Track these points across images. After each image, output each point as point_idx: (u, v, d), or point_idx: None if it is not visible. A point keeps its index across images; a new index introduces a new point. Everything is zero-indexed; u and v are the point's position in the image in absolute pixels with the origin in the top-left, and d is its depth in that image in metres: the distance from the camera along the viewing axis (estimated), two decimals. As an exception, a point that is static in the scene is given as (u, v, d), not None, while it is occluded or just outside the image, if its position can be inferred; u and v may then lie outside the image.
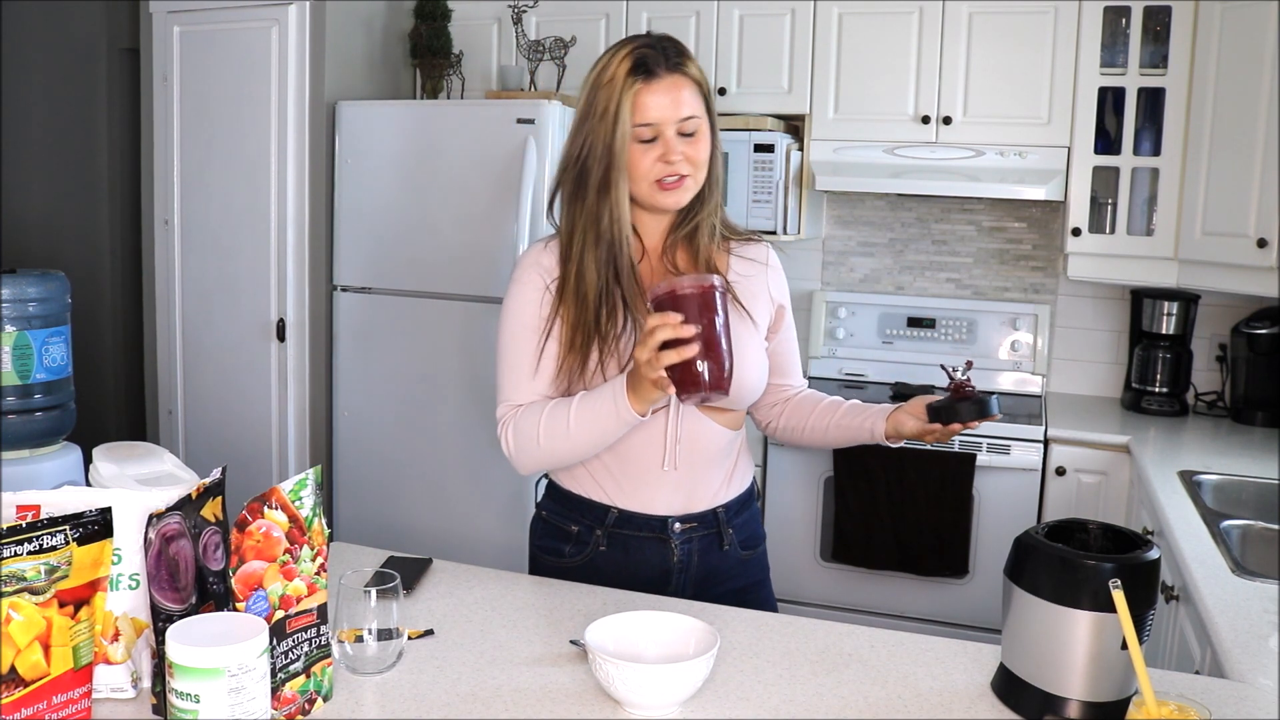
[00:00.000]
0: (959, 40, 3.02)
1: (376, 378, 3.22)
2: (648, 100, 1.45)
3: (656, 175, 1.47)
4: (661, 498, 1.54)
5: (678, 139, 1.47)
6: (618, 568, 1.56)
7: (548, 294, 1.50)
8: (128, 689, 1.14)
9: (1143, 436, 2.76)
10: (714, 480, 1.57)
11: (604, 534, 1.56)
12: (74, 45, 4.06)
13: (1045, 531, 1.17)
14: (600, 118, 1.47)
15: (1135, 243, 2.97)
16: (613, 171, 1.46)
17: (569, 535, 1.59)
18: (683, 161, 1.47)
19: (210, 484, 1.16)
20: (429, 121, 3.09)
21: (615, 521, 1.56)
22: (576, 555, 1.58)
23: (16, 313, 2.58)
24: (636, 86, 1.45)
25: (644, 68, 1.46)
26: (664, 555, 1.56)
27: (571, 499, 1.59)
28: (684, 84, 1.47)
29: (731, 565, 1.61)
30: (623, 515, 1.55)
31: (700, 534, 1.57)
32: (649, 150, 1.47)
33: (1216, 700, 1.20)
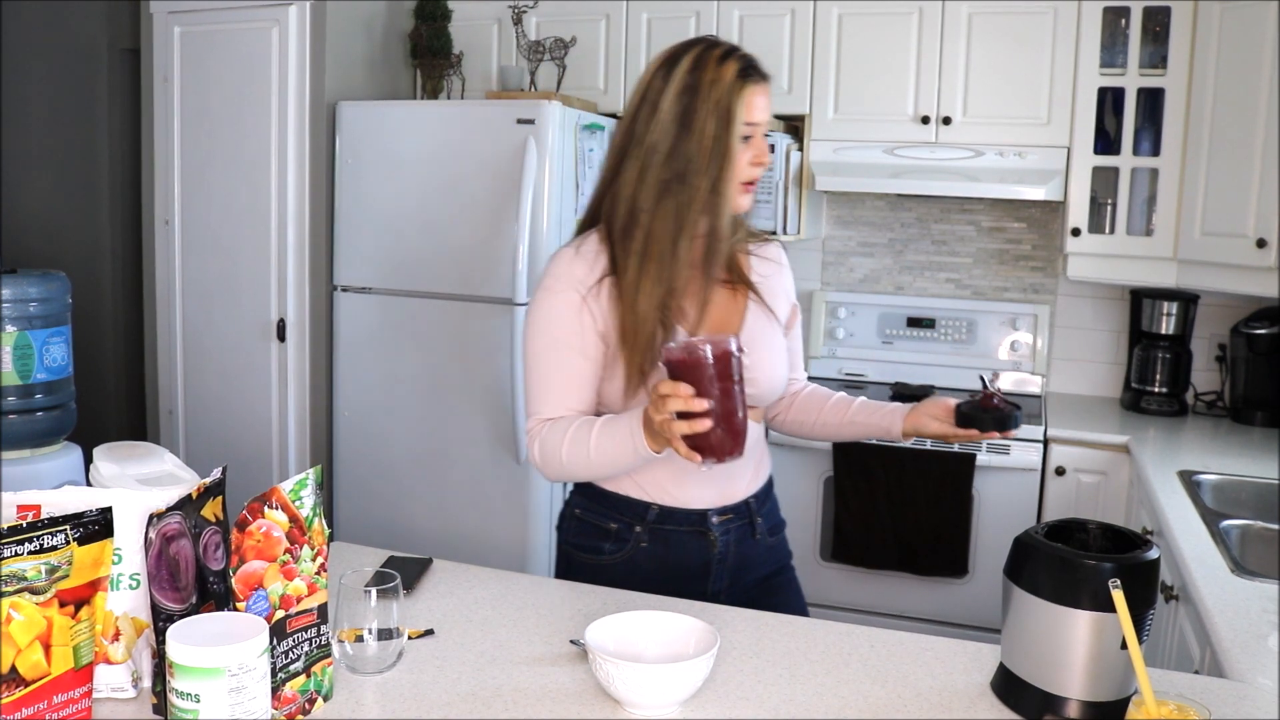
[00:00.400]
0: (959, 40, 3.02)
1: (376, 378, 3.22)
2: (756, 101, 1.48)
3: (747, 176, 1.51)
4: (700, 492, 1.56)
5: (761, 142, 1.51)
6: (659, 563, 1.57)
7: (584, 307, 1.49)
8: (128, 689, 1.14)
9: (1142, 436, 2.76)
10: (745, 472, 1.60)
11: (645, 530, 1.56)
12: (74, 45, 4.06)
13: (1045, 531, 1.17)
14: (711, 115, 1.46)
15: (1135, 243, 2.97)
16: (726, 170, 1.47)
17: (608, 533, 1.59)
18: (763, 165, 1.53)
19: (210, 484, 1.16)
20: (429, 122, 3.09)
21: (656, 518, 1.56)
22: (617, 552, 1.58)
23: (17, 313, 2.58)
24: (747, 87, 1.47)
25: (752, 71, 1.49)
26: (704, 547, 1.57)
27: (609, 497, 1.58)
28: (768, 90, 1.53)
29: (762, 552, 1.64)
30: (663, 511, 1.56)
31: (736, 524, 1.60)
32: (744, 151, 1.49)
33: (1216, 700, 1.20)
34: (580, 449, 1.45)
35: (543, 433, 1.50)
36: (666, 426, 1.29)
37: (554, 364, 1.51)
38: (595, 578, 1.58)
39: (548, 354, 1.51)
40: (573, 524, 1.64)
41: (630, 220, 1.48)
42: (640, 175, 1.47)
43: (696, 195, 1.47)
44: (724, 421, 1.28)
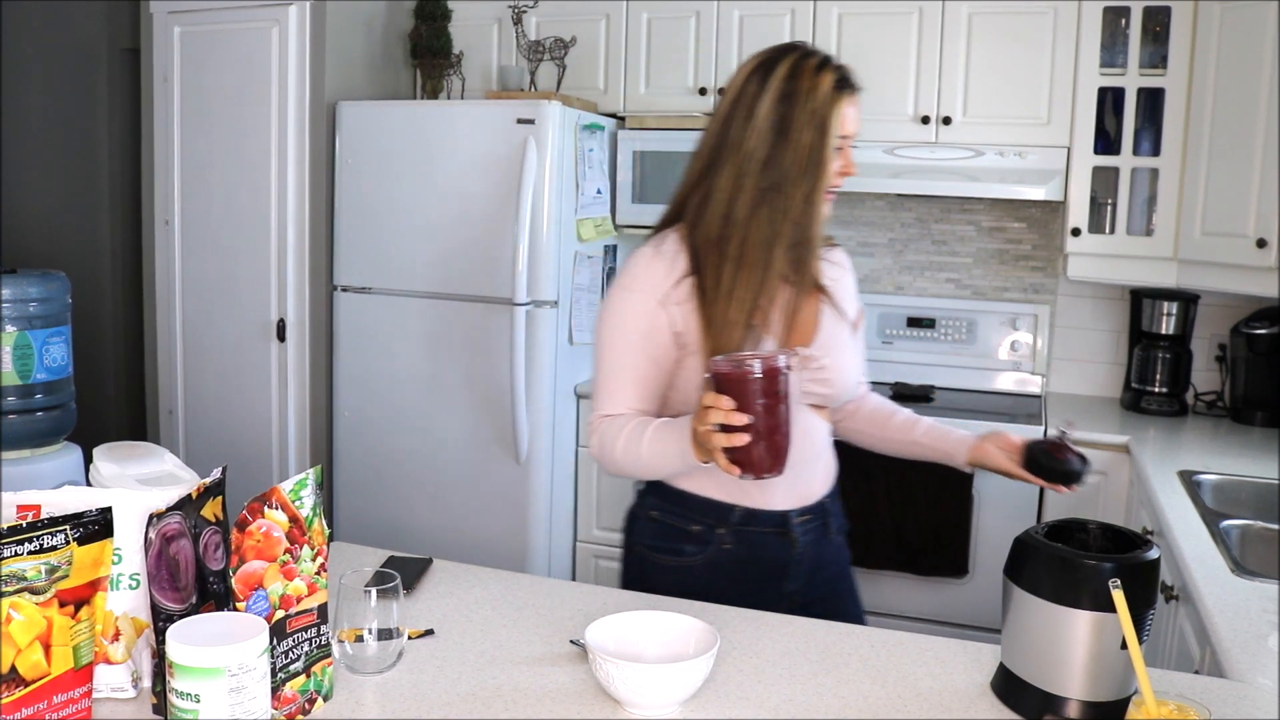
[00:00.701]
0: (959, 40, 3.02)
1: (376, 378, 3.22)
2: (849, 113, 1.51)
3: (833, 185, 1.53)
4: (781, 494, 1.57)
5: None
6: (741, 564, 1.57)
7: (660, 310, 1.50)
8: (128, 689, 1.14)
9: (1142, 436, 2.76)
10: (820, 472, 1.63)
11: (728, 532, 1.57)
12: (74, 45, 4.06)
13: (1045, 531, 1.17)
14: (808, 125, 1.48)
15: (1135, 243, 2.97)
16: (820, 181, 1.50)
17: (689, 535, 1.58)
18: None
19: (210, 484, 1.16)
20: (429, 121, 3.09)
21: (739, 519, 1.57)
22: (699, 554, 1.58)
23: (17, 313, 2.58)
24: (842, 99, 1.50)
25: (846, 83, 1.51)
26: (785, 547, 1.59)
27: (690, 499, 1.58)
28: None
29: (834, 550, 1.67)
30: (747, 513, 1.56)
31: (814, 524, 1.62)
32: (834, 161, 1.52)
33: (1216, 700, 1.20)
34: (634, 449, 1.48)
35: (602, 428, 1.53)
36: (708, 438, 1.31)
37: (622, 363, 1.53)
38: (674, 578, 1.57)
39: (617, 352, 1.53)
40: (649, 526, 1.63)
41: (725, 227, 1.49)
42: (736, 182, 1.49)
43: (792, 205, 1.48)
44: (765, 438, 1.28)
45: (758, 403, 1.27)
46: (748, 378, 1.27)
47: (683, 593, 1.52)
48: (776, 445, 1.29)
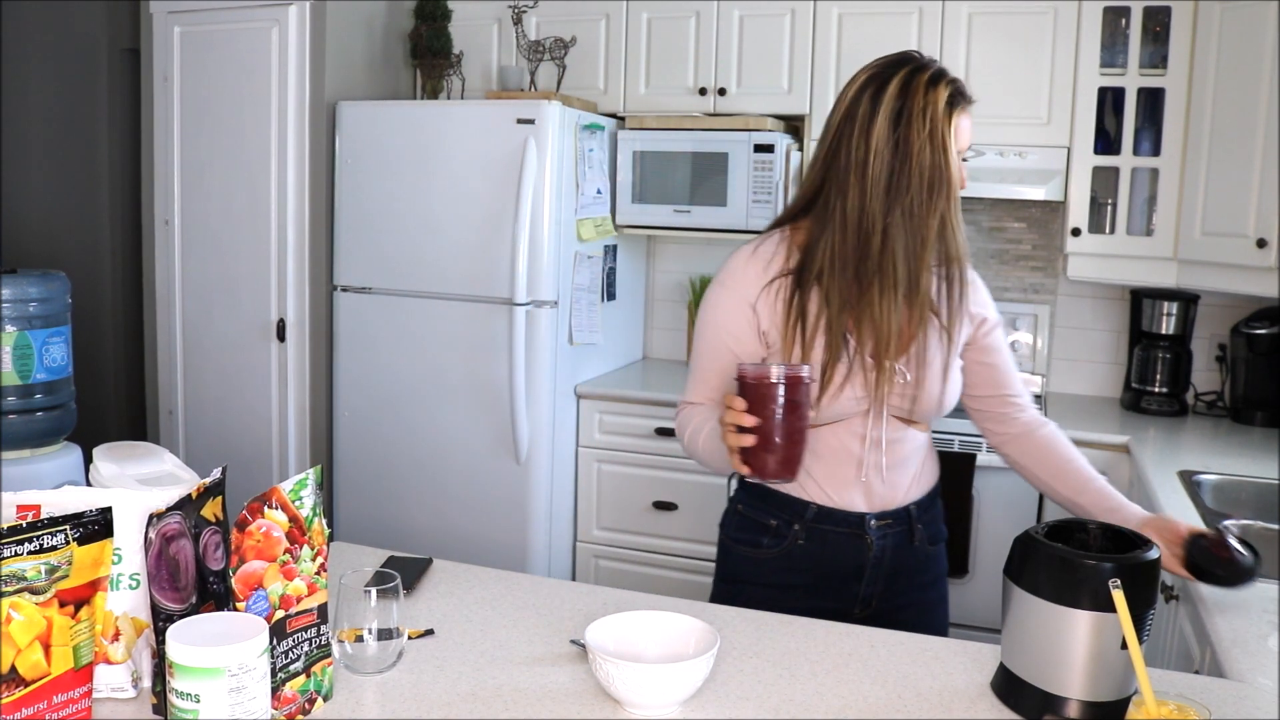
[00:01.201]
0: (959, 40, 3.02)
1: (376, 378, 3.22)
2: (964, 126, 1.52)
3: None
4: (857, 496, 1.59)
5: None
6: (814, 561, 1.60)
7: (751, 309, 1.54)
8: (128, 689, 1.14)
9: (1142, 436, 2.76)
10: (906, 480, 1.63)
11: (802, 528, 1.60)
12: (74, 45, 4.06)
13: (1045, 531, 1.17)
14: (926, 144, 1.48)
15: (1135, 243, 2.97)
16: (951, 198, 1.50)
17: (767, 528, 1.63)
18: None
19: (210, 484, 1.16)
20: (429, 121, 3.09)
21: (814, 517, 1.60)
22: (774, 547, 1.62)
23: (17, 313, 2.58)
24: (955, 113, 1.50)
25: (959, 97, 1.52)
26: (860, 549, 1.59)
27: (770, 494, 1.62)
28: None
29: (920, 560, 1.66)
30: (821, 511, 1.59)
31: (895, 530, 1.62)
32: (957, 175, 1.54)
33: (1216, 700, 1.20)
34: (696, 439, 1.57)
35: (682, 415, 1.62)
36: (725, 436, 1.38)
37: (709, 355, 1.59)
38: (752, 570, 1.64)
39: (706, 345, 1.60)
40: (735, 519, 1.69)
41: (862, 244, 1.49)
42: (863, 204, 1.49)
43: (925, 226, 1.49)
44: (776, 442, 1.34)
45: (772, 408, 1.33)
46: (763, 382, 1.33)
47: (759, 582, 1.62)
48: (786, 451, 1.35)
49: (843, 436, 1.57)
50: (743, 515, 1.68)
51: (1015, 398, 1.73)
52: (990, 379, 1.71)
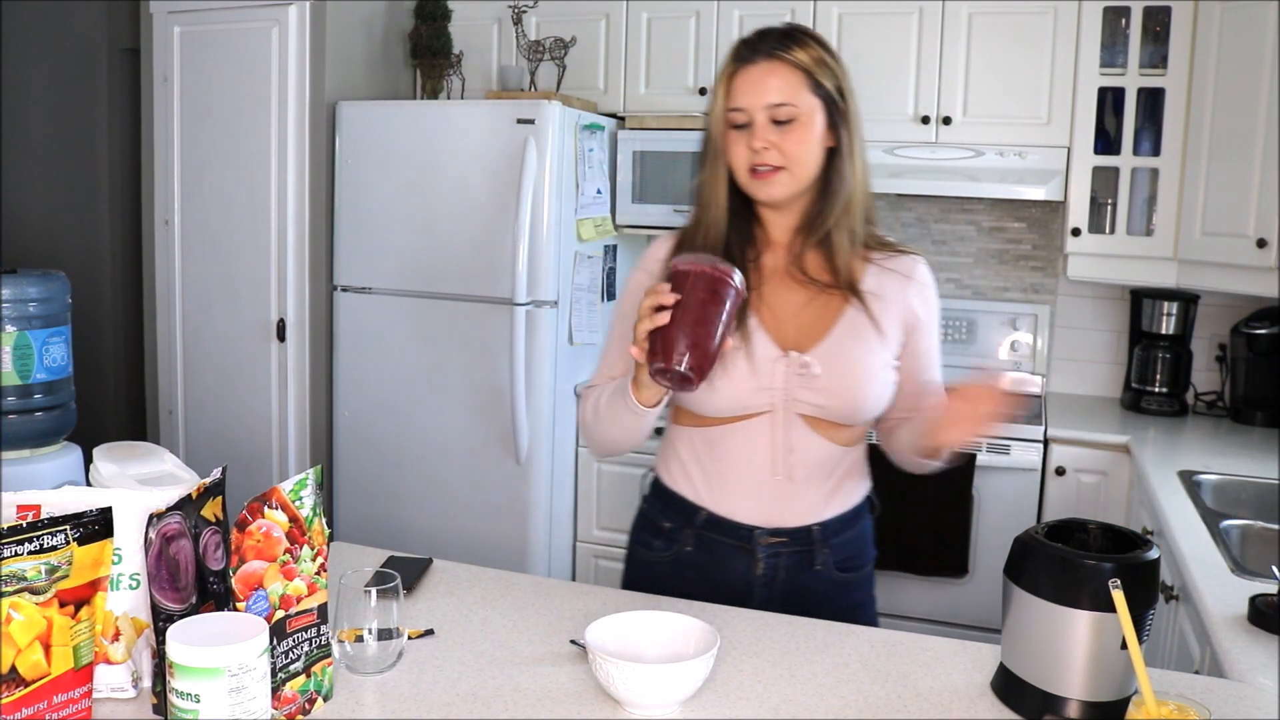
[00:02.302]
0: (959, 40, 3.02)
1: (376, 378, 3.22)
2: (737, 84, 1.44)
3: (749, 163, 1.45)
4: (750, 507, 1.49)
5: (770, 127, 1.43)
6: (701, 570, 1.52)
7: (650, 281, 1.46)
8: (128, 689, 1.14)
9: (1142, 436, 2.76)
10: (811, 496, 1.50)
11: (692, 534, 1.53)
12: (74, 45, 4.06)
13: (1045, 531, 1.16)
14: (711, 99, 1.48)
15: (1135, 243, 2.97)
16: (710, 154, 1.48)
17: (660, 530, 1.57)
18: (771, 151, 1.43)
19: (210, 484, 1.16)
20: (429, 121, 3.09)
21: (703, 523, 1.52)
22: (664, 551, 1.56)
23: (17, 313, 2.58)
24: (731, 69, 1.45)
25: (739, 54, 1.46)
26: (748, 566, 1.50)
27: (668, 495, 1.57)
28: (781, 70, 1.42)
29: (827, 587, 1.52)
30: (711, 519, 1.51)
31: (789, 549, 1.50)
32: (742, 136, 1.45)
33: (1216, 700, 1.20)
34: (594, 404, 1.50)
35: (585, 398, 1.55)
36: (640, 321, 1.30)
37: (616, 338, 1.56)
38: (645, 575, 1.58)
39: (613, 327, 1.58)
40: (639, 520, 1.64)
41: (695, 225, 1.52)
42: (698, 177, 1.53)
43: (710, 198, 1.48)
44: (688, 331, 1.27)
45: (695, 295, 1.27)
46: (694, 271, 1.29)
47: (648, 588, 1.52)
48: (696, 336, 1.27)
49: (741, 438, 1.47)
50: (643, 515, 1.62)
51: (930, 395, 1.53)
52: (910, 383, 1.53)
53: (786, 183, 1.45)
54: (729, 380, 1.44)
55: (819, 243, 1.49)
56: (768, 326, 1.47)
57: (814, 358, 1.45)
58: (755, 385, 1.44)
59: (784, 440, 1.47)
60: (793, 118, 1.42)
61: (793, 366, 1.45)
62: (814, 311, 1.49)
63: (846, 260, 1.48)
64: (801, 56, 1.43)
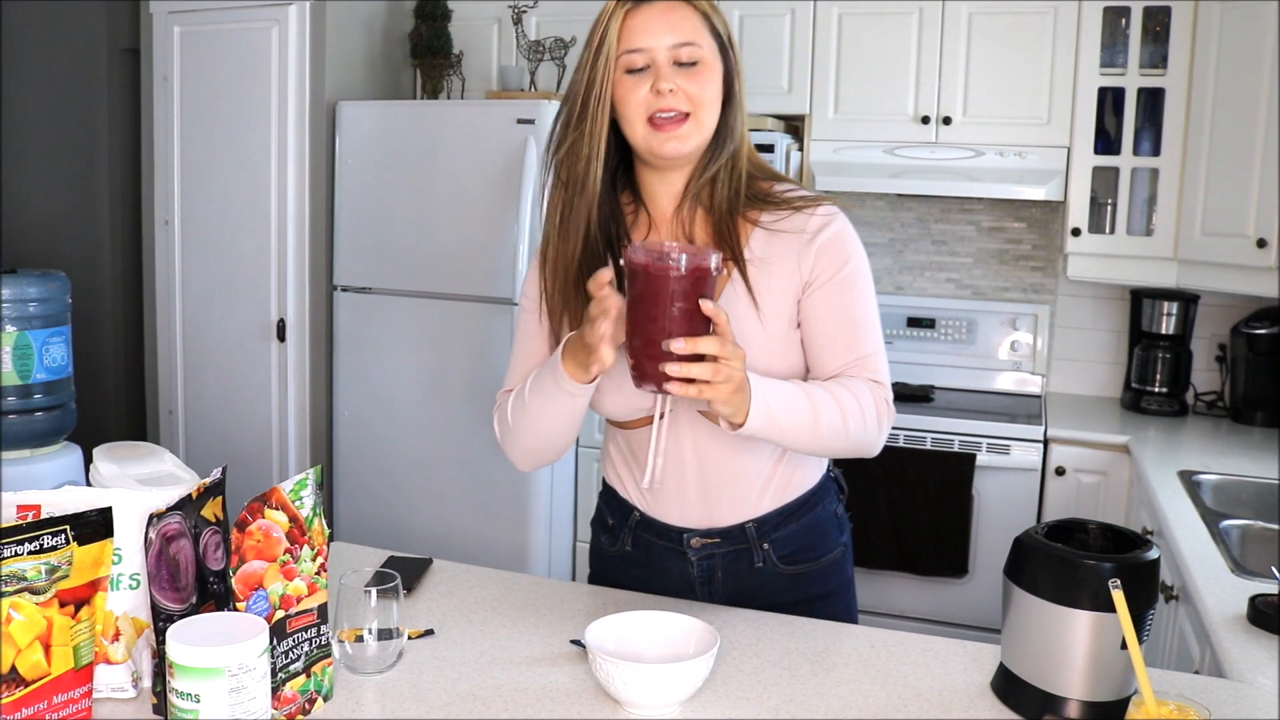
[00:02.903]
0: (959, 40, 3.02)
1: (376, 378, 3.22)
2: (635, 22, 1.29)
3: (648, 110, 1.29)
4: (676, 508, 1.43)
5: (673, 69, 1.29)
6: (643, 569, 1.49)
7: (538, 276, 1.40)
8: (128, 689, 1.14)
9: (1142, 436, 2.76)
10: (738, 494, 1.40)
11: (629, 534, 1.48)
12: (74, 45, 4.06)
13: (1045, 531, 1.16)
14: (586, 48, 1.31)
15: (1135, 243, 2.97)
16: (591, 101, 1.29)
17: (606, 525, 1.53)
18: (679, 96, 1.29)
19: (210, 484, 1.16)
20: (429, 121, 3.09)
21: (638, 524, 1.47)
22: (610, 546, 1.53)
23: (17, 313, 2.58)
24: (626, 8, 1.30)
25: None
26: (683, 568, 1.45)
27: (609, 491, 1.52)
28: (681, 8, 1.31)
29: (771, 581, 1.44)
30: (644, 519, 1.46)
31: (724, 549, 1.43)
32: (640, 81, 1.29)
33: (1216, 700, 1.20)
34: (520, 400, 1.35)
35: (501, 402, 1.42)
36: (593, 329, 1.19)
37: (520, 334, 1.44)
38: (600, 566, 1.55)
39: (518, 326, 1.46)
40: (595, 512, 1.58)
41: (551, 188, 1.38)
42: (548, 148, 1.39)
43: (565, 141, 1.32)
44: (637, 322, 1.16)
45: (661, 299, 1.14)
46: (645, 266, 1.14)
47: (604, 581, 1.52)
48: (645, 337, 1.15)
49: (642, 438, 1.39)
50: (598, 508, 1.56)
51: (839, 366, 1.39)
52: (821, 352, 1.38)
53: (693, 134, 1.31)
54: (611, 381, 1.30)
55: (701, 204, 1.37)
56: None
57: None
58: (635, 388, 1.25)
59: (691, 441, 1.37)
60: (697, 59, 1.30)
61: None
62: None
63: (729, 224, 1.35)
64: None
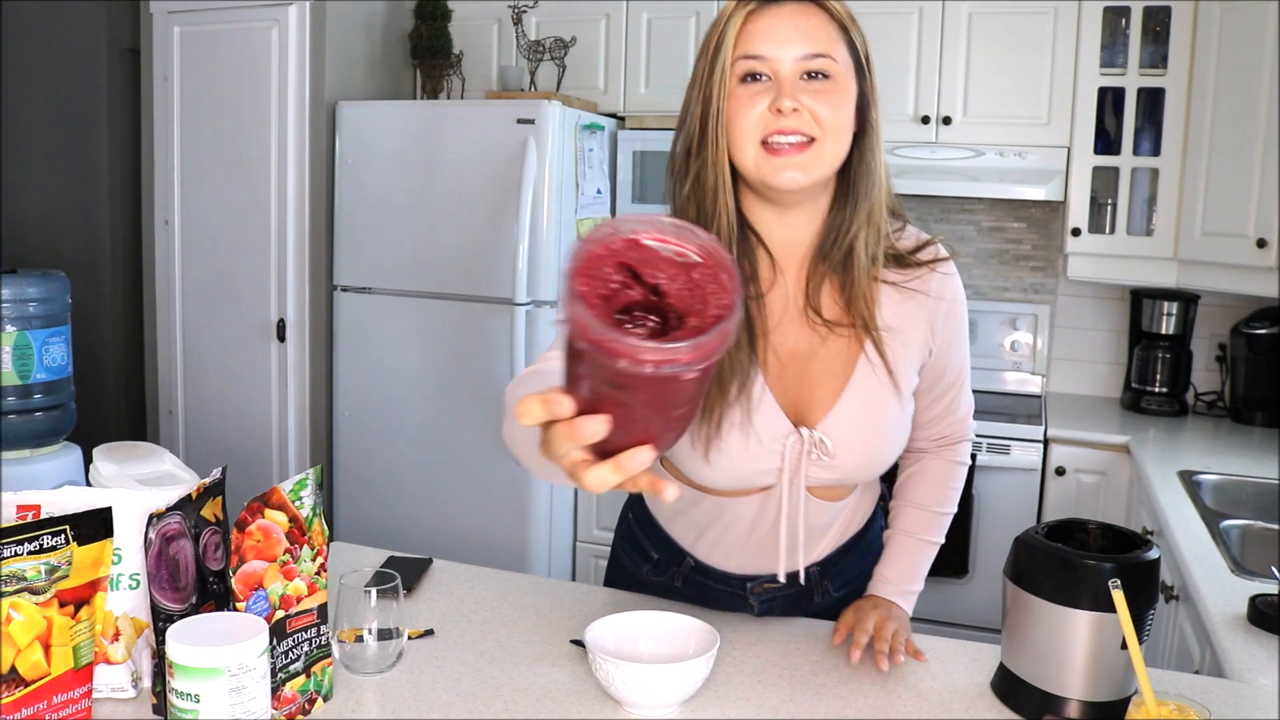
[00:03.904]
0: (959, 40, 3.02)
1: (376, 378, 3.22)
2: (758, 25, 1.08)
3: (764, 131, 1.09)
4: (742, 561, 1.34)
5: (799, 83, 1.09)
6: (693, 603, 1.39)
7: None
8: (128, 689, 1.14)
9: (1142, 436, 2.76)
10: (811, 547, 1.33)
11: (679, 575, 1.40)
12: (74, 45, 4.06)
13: (1045, 531, 1.16)
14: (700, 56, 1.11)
15: (1135, 243, 2.97)
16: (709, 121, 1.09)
17: (649, 558, 1.43)
18: (803, 116, 1.08)
19: (210, 484, 1.15)
20: (429, 121, 3.09)
21: (691, 569, 1.39)
22: (655, 577, 1.43)
23: (17, 313, 2.58)
24: (749, 8, 1.09)
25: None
26: (740, 607, 1.39)
27: (655, 527, 1.40)
28: (815, 14, 1.10)
29: (826, 608, 1.40)
30: (700, 566, 1.38)
31: (784, 593, 1.37)
32: (757, 95, 1.09)
33: (1216, 700, 1.20)
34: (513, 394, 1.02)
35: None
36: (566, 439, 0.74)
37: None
38: (635, 586, 1.46)
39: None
40: (625, 527, 1.49)
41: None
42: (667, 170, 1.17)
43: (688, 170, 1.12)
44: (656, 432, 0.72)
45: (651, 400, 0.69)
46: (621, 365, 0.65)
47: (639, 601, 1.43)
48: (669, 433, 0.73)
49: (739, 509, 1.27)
50: (630, 529, 1.46)
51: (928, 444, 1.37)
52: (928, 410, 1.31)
53: (816, 163, 1.10)
54: (728, 459, 1.18)
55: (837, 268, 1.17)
56: (775, 390, 1.18)
57: (828, 429, 1.18)
58: (759, 467, 1.20)
59: (789, 513, 1.25)
60: (830, 74, 1.10)
61: (805, 444, 1.18)
62: (824, 364, 1.20)
63: (865, 289, 1.16)
64: (836, 5, 1.13)
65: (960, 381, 1.31)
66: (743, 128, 1.09)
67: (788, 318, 1.20)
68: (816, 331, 1.19)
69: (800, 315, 1.19)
